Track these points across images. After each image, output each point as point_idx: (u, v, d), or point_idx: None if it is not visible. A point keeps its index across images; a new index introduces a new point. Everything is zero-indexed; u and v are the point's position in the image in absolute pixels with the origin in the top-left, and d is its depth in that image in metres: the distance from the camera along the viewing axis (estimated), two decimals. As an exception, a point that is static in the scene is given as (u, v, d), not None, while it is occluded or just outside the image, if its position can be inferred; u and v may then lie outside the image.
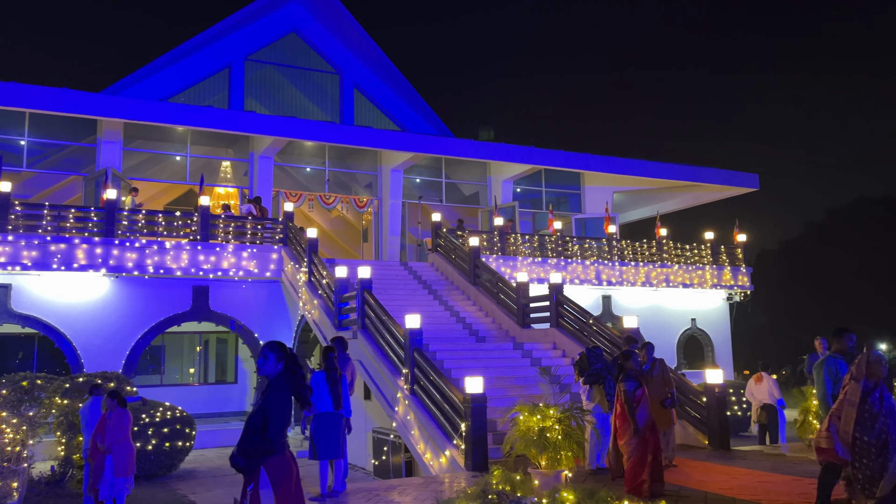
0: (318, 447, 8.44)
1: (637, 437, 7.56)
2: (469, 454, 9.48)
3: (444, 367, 12.48)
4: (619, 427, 7.80)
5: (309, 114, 24.28)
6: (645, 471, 7.52)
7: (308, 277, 15.91)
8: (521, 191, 24.23)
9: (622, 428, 7.75)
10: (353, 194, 22.54)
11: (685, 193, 26.33)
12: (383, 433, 12.16)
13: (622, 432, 7.76)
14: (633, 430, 7.57)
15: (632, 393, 7.66)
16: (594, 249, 21.12)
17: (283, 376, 4.59)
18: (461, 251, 18.00)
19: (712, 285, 22.46)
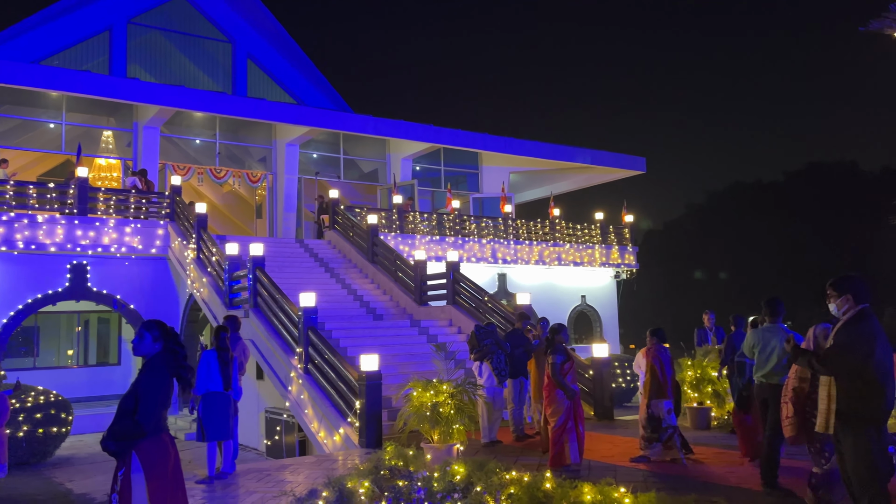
0: (207, 428, 8.18)
1: (566, 405, 7.77)
2: (363, 431, 9.48)
3: (340, 346, 12.38)
4: (546, 398, 8.04)
5: (199, 83, 23.16)
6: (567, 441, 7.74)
7: (197, 254, 15.28)
8: (420, 169, 24.23)
9: (549, 400, 7.97)
10: (247, 168, 21.77)
11: (578, 175, 27.21)
12: (276, 413, 11.94)
13: (548, 404, 7.99)
14: (561, 399, 7.77)
15: (559, 365, 7.88)
16: (491, 228, 21.49)
17: (162, 357, 4.38)
18: (359, 229, 17.83)
19: (601, 264, 23.42)
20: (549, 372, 7.95)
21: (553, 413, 7.84)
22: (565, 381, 7.87)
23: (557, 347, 8.03)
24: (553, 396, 7.90)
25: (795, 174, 49.81)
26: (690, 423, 10.66)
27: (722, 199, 52.19)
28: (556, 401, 7.85)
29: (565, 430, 7.74)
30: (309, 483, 7.50)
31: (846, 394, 4.59)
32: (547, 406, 7.98)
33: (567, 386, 7.86)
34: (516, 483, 6.02)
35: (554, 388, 7.91)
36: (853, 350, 4.55)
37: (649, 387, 8.33)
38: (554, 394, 7.90)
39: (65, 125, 18.61)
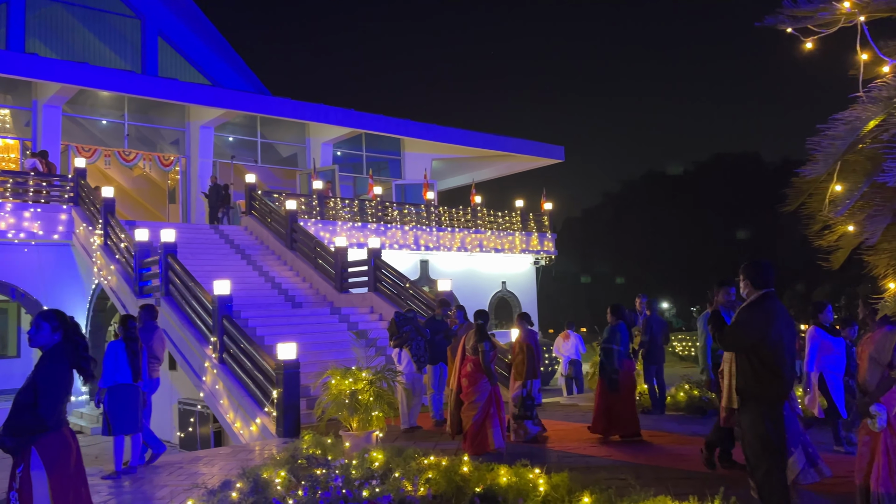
0: (113, 422, 7.82)
1: (490, 391, 7.82)
2: (281, 421, 9.31)
3: (257, 335, 12.10)
4: (469, 386, 7.91)
5: (106, 61, 22.00)
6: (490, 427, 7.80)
7: (104, 241, 14.56)
8: (341, 154, 23.90)
9: (473, 387, 7.87)
10: (158, 151, 20.88)
11: (499, 163, 27.52)
12: (190, 404, 11.58)
13: (469, 392, 7.89)
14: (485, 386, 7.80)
15: (488, 353, 7.89)
16: (413, 215, 21.46)
17: (61, 347, 4.17)
18: (277, 215, 17.43)
19: (521, 250, 23.81)
20: (476, 360, 7.94)
21: (476, 401, 7.84)
22: (493, 369, 7.97)
23: (485, 335, 8.06)
24: (477, 384, 7.88)
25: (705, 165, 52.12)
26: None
27: (636, 187, 54.03)
28: (480, 388, 7.87)
29: (489, 417, 7.83)
30: (223, 475, 7.31)
31: (742, 372, 4.84)
32: (469, 393, 7.91)
33: (495, 374, 7.96)
34: (434, 468, 6.06)
35: (477, 376, 7.91)
36: (747, 330, 4.80)
37: (525, 368, 8.65)
38: (478, 381, 7.89)
39: (-46, 102, 17.30)
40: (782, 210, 3.99)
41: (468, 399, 7.91)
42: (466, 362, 8.02)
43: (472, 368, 7.94)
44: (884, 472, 4.83)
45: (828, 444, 7.44)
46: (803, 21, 3.39)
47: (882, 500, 4.84)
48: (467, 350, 8.06)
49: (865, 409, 4.89)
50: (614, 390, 8.58)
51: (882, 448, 4.86)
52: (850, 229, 3.88)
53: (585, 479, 5.46)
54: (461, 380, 8.04)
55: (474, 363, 7.92)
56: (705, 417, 9.80)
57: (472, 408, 7.83)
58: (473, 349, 7.98)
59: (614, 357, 8.71)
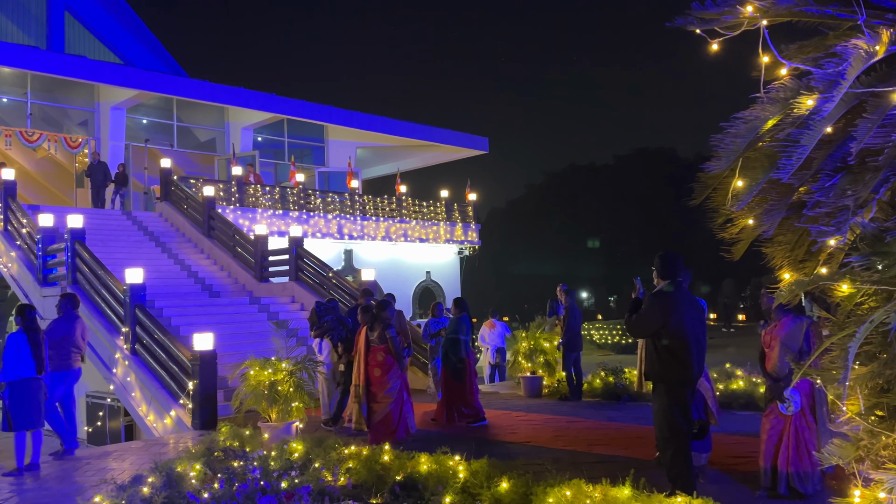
0: (15, 417, 7.41)
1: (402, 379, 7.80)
2: (197, 413, 9.06)
3: (172, 325, 11.71)
4: (381, 375, 7.74)
5: (7, 35, 20.65)
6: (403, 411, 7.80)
7: (4, 226, 13.73)
8: (262, 140, 23.32)
9: (384, 377, 7.72)
10: (65, 132, 19.77)
11: (424, 153, 27.53)
12: (99, 397, 11.10)
13: (383, 381, 7.72)
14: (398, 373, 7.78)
15: (396, 339, 7.83)
16: (337, 203, 21.20)
17: None
18: (194, 201, 16.86)
19: (446, 240, 23.94)
20: (385, 348, 7.82)
21: (390, 390, 7.72)
22: (403, 356, 7.96)
23: (389, 322, 7.97)
24: (390, 373, 7.76)
25: (625, 158, 53.82)
26: (524, 392, 11.24)
27: (559, 179, 55.26)
28: (393, 377, 7.78)
29: (405, 403, 7.84)
30: (134, 469, 7.04)
31: (649, 356, 5.08)
32: (382, 383, 7.75)
33: (405, 360, 7.97)
34: (355, 457, 6.04)
35: (389, 365, 7.78)
36: (649, 316, 5.04)
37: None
38: (391, 371, 7.77)
39: None
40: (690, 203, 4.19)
41: (382, 388, 7.76)
42: (375, 352, 7.83)
43: (384, 357, 7.81)
44: (793, 452, 5.17)
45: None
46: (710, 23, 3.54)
47: (791, 478, 5.18)
48: (373, 340, 7.90)
49: (779, 394, 5.20)
50: (459, 379, 9.00)
51: (791, 430, 5.20)
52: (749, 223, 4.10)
53: (504, 465, 5.56)
54: (372, 370, 7.85)
55: (384, 351, 7.82)
56: (620, 403, 10.16)
57: (388, 396, 7.74)
58: (380, 338, 7.86)
59: (460, 347, 9.11)
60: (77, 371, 8.50)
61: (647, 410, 8.39)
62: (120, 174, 18.44)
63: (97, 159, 18.10)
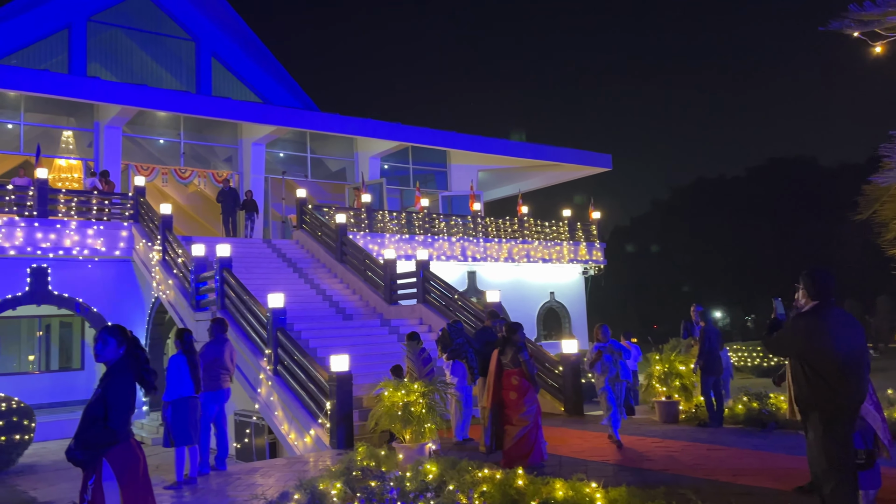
0: (176, 433, 8.06)
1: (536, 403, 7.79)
2: (334, 432, 9.43)
3: (310, 347, 12.28)
4: (518, 398, 7.77)
5: (162, 82, 22.77)
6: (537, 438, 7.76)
7: (162, 256, 15.03)
8: (388, 167, 24.16)
9: (520, 400, 7.74)
10: (212, 168, 21.47)
11: (545, 172, 27.41)
12: (245, 415, 11.81)
13: (519, 405, 7.74)
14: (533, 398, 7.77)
15: (530, 362, 7.86)
16: (460, 226, 21.53)
17: (125, 361, 4.32)
18: (328, 228, 17.71)
19: (569, 260, 23.62)
20: (520, 371, 7.87)
21: (526, 413, 7.74)
22: (535, 380, 7.92)
23: (522, 345, 7.98)
24: (526, 396, 7.77)
25: (757, 170, 50.82)
26: (659, 417, 10.82)
27: (686, 194, 53.03)
28: (529, 401, 7.77)
29: (538, 428, 7.78)
30: (280, 486, 7.43)
31: (796, 379, 4.74)
32: (519, 406, 7.77)
33: (538, 384, 7.93)
34: (489, 480, 6.06)
35: (526, 388, 7.81)
36: (789, 337, 4.72)
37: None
38: (527, 392, 7.79)
39: (23, 125, 18.14)
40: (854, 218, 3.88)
41: (518, 411, 7.77)
42: (510, 375, 7.89)
43: (519, 380, 7.85)
44: None
45: None
46: (870, 25, 3.31)
47: None
48: (506, 364, 7.94)
49: None
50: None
51: None
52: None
53: (644, 493, 5.38)
54: (508, 393, 7.89)
55: (519, 374, 7.85)
56: (765, 431, 9.54)
57: (524, 419, 7.76)
58: (513, 361, 7.89)
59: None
60: (227, 391, 9.11)
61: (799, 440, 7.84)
62: (248, 200, 19.75)
63: (228, 186, 19.49)
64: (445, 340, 9.59)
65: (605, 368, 8.81)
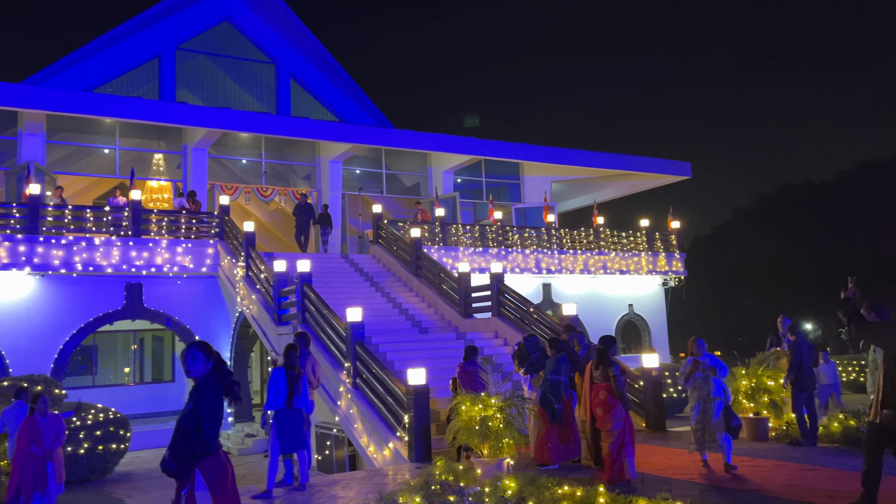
0: (281, 442, 8.37)
1: (624, 419, 7.67)
2: (412, 446, 9.50)
3: (387, 360, 12.45)
4: (604, 414, 7.76)
5: (244, 104, 23.72)
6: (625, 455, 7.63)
7: (246, 272, 15.59)
8: (461, 181, 24.31)
9: (608, 414, 7.71)
10: (292, 186, 22.16)
11: (621, 182, 26.92)
12: (326, 428, 12.06)
13: (605, 420, 7.73)
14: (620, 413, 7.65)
15: (619, 377, 7.77)
16: (534, 238, 21.39)
17: (213, 375, 4.50)
18: (403, 242, 17.96)
19: (648, 271, 23.06)
20: (608, 386, 7.77)
21: (612, 429, 7.66)
22: (626, 395, 7.77)
23: (611, 360, 7.90)
24: (612, 412, 7.69)
25: (847, 174, 48.27)
26: (747, 435, 10.37)
27: (771, 202, 50.88)
28: (616, 416, 7.68)
29: (624, 445, 7.62)
30: (360, 499, 7.54)
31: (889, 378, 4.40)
32: (605, 420, 7.74)
33: (628, 399, 7.77)
34: (569, 498, 5.97)
35: (611, 402, 7.74)
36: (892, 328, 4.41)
37: None
38: (613, 408, 7.71)
39: (118, 150, 19.26)
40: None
41: (604, 427, 7.74)
42: (598, 390, 7.85)
43: (606, 395, 7.76)
44: None
45: None
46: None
47: None
48: (596, 377, 7.89)
49: None
50: (558, 421, 8.53)
51: None
52: None
53: (733, 515, 5.16)
54: (595, 408, 7.85)
55: (607, 389, 7.75)
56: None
57: (609, 435, 7.66)
58: (603, 375, 7.82)
59: (560, 388, 8.64)
60: (310, 404, 9.36)
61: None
62: (323, 215, 20.23)
63: (304, 201, 20.03)
64: (523, 354, 9.53)
65: (697, 385, 8.30)
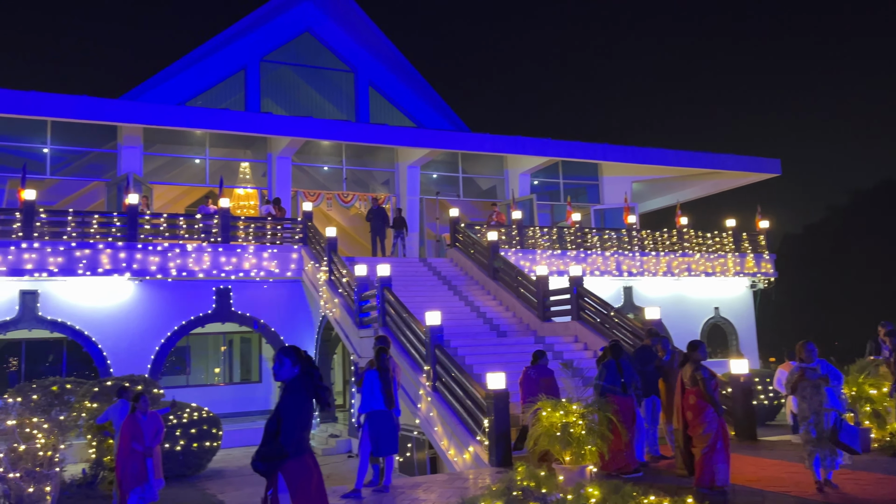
0: (374, 444, 8.55)
1: (716, 424, 7.45)
2: (493, 450, 9.50)
3: (466, 363, 12.50)
4: (694, 418, 7.59)
5: (325, 112, 24.35)
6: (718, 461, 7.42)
7: (328, 276, 16.00)
8: (538, 183, 24.13)
9: (698, 418, 7.54)
10: (371, 191, 22.59)
11: (705, 181, 26.06)
12: (407, 430, 12.21)
13: (695, 425, 7.56)
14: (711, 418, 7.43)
15: (709, 381, 7.57)
16: (614, 240, 21.00)
17: (300, 380, 4.61)
18: (480, 246, 17.99)
19: (735, 273, 22.23)
20: (697, 390, 7.58)
21: (704, 433, 7.47)
22: (717, 398, 7.54)
23: (699, 363, 7.69)
24: (702, 416, 7.51)
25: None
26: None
27: (868, 198, 48.04)
28: (705, 420, 7.48)
29: (716, 451, 7.40)
30: (442, 502, 7.61)
31: None
32: (696, 425, 7.56)
33: (719, 403, 7.53)
34: (655, 508, 5.82)
35: (701, 406, 7.54)
36: None
37: None
38: (703, 412, 7.52)
39: (208, 160, 20.17)
40: None
41: (695, 432, 7.56)
42: (689, 394, 7.67)
43: (696, 400, 7.58)
44: None
45: None
46: None
47: None
48: (686, 382, 7.70)
49: None
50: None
51: None
52: None
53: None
54: (685, 413, 7.68)
55: (696, 394, 7.57)
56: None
57: (701, 440, 7.49)
58: (692, 380, 7.64)
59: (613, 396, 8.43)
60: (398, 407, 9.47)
61: None
62: (398, 219, 20.48)
63: (376, 205, 20.34)
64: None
65: (807, 395, 7.60)
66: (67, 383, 13.42)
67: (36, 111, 16.53)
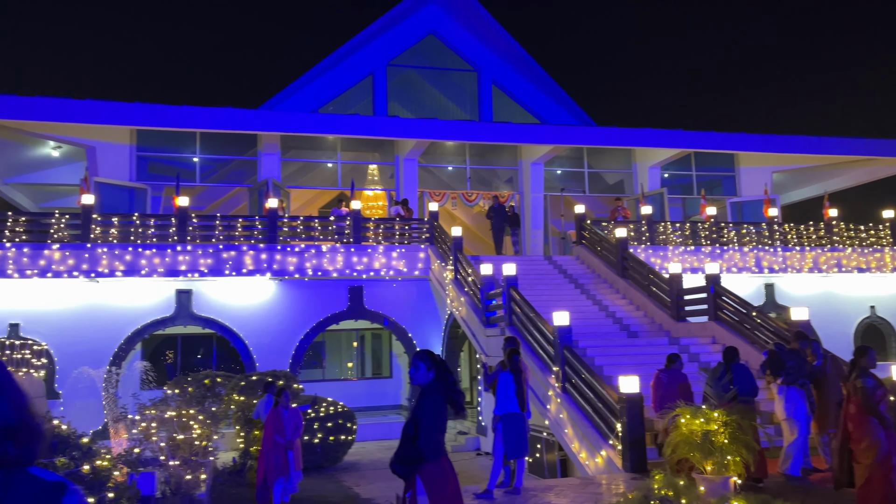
0: (506, 446, 8.61)
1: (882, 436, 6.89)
2: (626, 455, 9.22)
3: (596, 365, 12.22)
4: (853, 431, 7.09)
5: (448, 113, 24.65)
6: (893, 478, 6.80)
7: (454, 275, 16.19)
8: (669, 176, 23.17)
9: (859, 430, 7.03)
10: (495, 190, 22.62)
11: (857, 169, 23.96)
12: (536, 430, 12.12)
13: (855, 437, 7.05)
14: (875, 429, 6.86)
15: (872, 390, 7.01)
16: (753, 235, 19.77)
17: (435, 384, 4.66)
18: (607, 243, 17.53)
19: (893, 268, 20.27)
20: (857, 400, 6.98)
21: (867, 447, 6.84)
22: (880, 409, 6.88)
23: (864, 370, 7.05)
24: (863, 426, 6.91)
25: None
26: None
27: None
28: (868, 433, 6.86)
29: (891, 468, 6.72)
30: (575, 507, 7.47)
31: None
32: (857, 439, 6.96)
33: (882, 413, 6.87)
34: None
35: (862, 417, 6.94)
36: None
37: None
38: (864, 423, 6.92)
39: (339, 164, 21.02)
40: None
41: (856, 445, 6.94)
42: (850, 403, 7.07)
43: (856, 410, 6.98)
44: None
45: None
46: None
47: None
48: (850, 390, 7.11)
49: None
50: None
51: None
52: None
53: None
54: (846, 423, 7.09)
55: (856, 403, 6.96)
56: None
57: (863, 455, 6.85)
58: (853, 388, 7.03)
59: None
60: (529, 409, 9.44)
61: None
62: (512, 216, 20.30)
63: (497, 202, 20.24)
64: (778, 363, 8.84)
65: None
66: (218, 377, 14.46)
67: (187, 124, 17.94)
